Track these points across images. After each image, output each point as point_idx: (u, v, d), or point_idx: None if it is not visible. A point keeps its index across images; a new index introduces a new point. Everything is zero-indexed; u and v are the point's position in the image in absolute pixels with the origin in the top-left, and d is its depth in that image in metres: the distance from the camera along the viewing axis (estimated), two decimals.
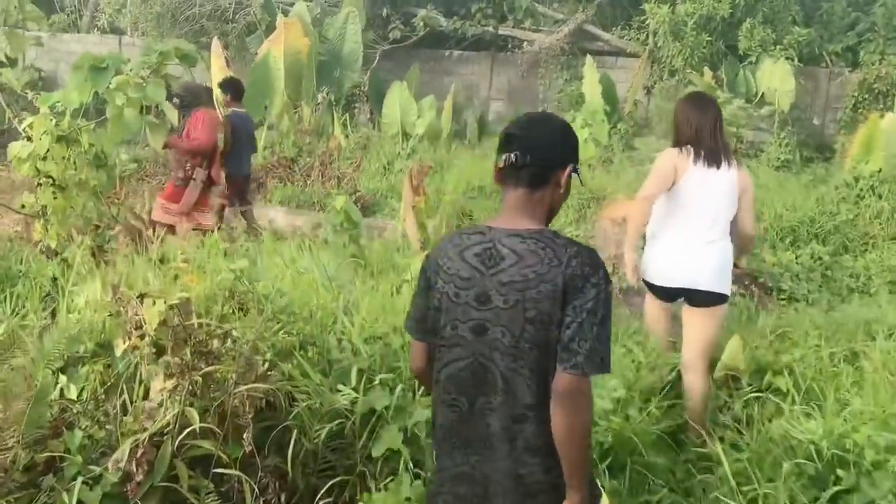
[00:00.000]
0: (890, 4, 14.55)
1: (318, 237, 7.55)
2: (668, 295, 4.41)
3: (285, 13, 14.12)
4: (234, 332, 2.98)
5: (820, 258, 7.60)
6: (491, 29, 15.55)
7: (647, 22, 14.52)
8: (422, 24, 15.07)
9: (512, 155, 2.16)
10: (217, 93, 8.63)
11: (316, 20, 14.17)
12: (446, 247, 2.23)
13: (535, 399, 2.09)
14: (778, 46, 13.63)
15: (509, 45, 15.55)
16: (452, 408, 2.18)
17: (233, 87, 8.13)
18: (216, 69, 10.77)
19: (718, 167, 4.23)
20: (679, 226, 4.28)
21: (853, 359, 4.39)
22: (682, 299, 4.37)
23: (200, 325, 2.91)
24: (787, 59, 13.19)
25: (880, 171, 8.97)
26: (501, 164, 2.19)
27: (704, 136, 4.25)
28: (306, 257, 4.45)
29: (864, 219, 8.58)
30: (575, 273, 2.05)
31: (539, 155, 2.17)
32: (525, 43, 15.28)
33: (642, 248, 4.53)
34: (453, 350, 2.16)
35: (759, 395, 4.08)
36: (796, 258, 7.61)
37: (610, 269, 6.75)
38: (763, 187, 9.73)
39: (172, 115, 9.85)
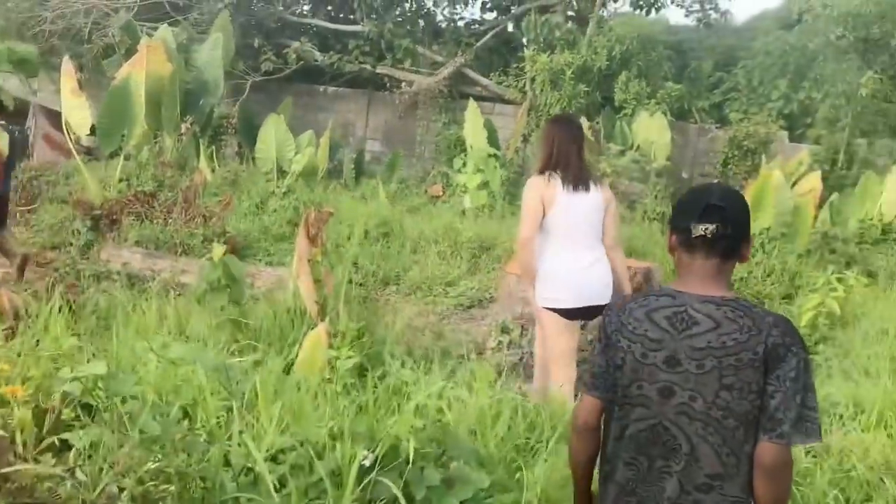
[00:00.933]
0: (749, 67, 14.79)
1: (182, 287, 6.41)
2: (571, 316, 4.48)
3: (149, 36, 12.78)
4: (79, 473, 1.93)
5: None
6: (368, 67, 14.71)
7: (524, 69, 14.12)
8: (295, 56, 14.06)
9: (714, 226, 2.12)
10: None
11: (182, 46, 12.87)
12: (630, 306, 2.20)
13: (723, 469, 2.07)
14: (652, 100, 13.49)
15: (387, 85, 14.74)
16: (630, 467, 2.17)
17: None
18: (67, 91, 9.36)
19: (587, 190, 4.40)
20: (563, 250, 4.40)
21: None
22: None
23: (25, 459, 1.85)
24: (662, 112, 13.03)
25: (769, 228, 8.68)
26: (700, 234, 2.12)
27: (572, 159, 4.39)
28: (176, 328, 3.40)
29: (756, 277, 8.22)
30: (776, 342, 2.04)
31: (737, 228, 2.16)
32: (403, 83, 14.53)
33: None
34: (636, 410, 2.15)
35: None
36: None
37: (518, 331, 5.97)
38: (651, 242, 9.28)
39: None
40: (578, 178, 4.41)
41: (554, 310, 4.47)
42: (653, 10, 16.15)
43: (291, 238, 8.70)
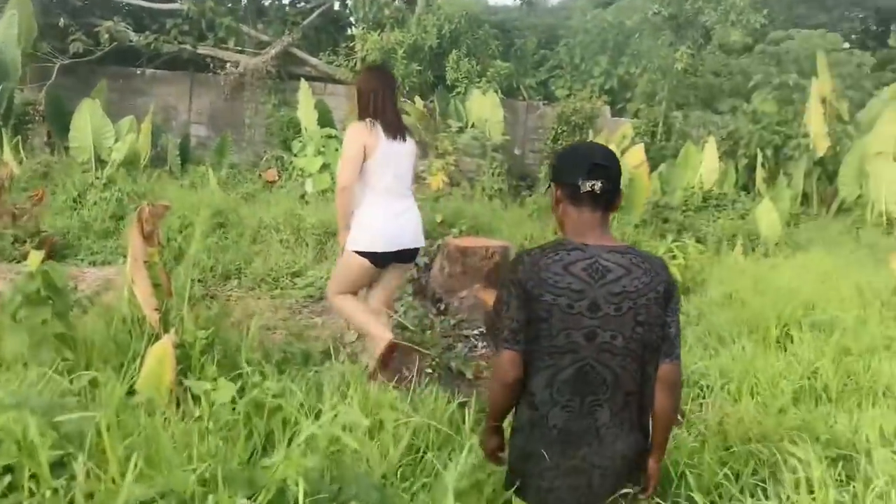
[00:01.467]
0: (571, 45, 15.04)
1: None
2: (382, 260, 4.54)
3: None
4: None
5: None
6: (189, 47, 13.70)
7: (355, 48, 13.64)
8: (107, 37, 12.85)
9: (600, 182, 2.33)
10: None
11: None
12: (544, 262, 2.33)
13: (636, 388, 2.37)
14: (483, 78, 13.40)
15: (210, 66, 13.80)
16: (566, 409, 2.34)
17: None
18: None
19: (404, 140, 4.51)
20: (381, 197, 4.46)
21: None
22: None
23: None
24: (493, 90, 12.97)
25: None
26: (588, 189, 2.33)
27: (388, 108, 4.47)
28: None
29: None
30: (668, 281, 2.37)
31: (616, 183, 2.41)
32: (228, 64, 13.65)
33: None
34: (565, 356, 2.31)
35: None
36: None
37: None
38: (496, 218, 9.16)
39: None
40: (397, 126, 4.52)
41: (365, 254, 4.50)
42: None
43: (116, 234, 7.90)
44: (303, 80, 12.11)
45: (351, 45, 13.82)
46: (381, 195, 4.47)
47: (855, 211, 12.00)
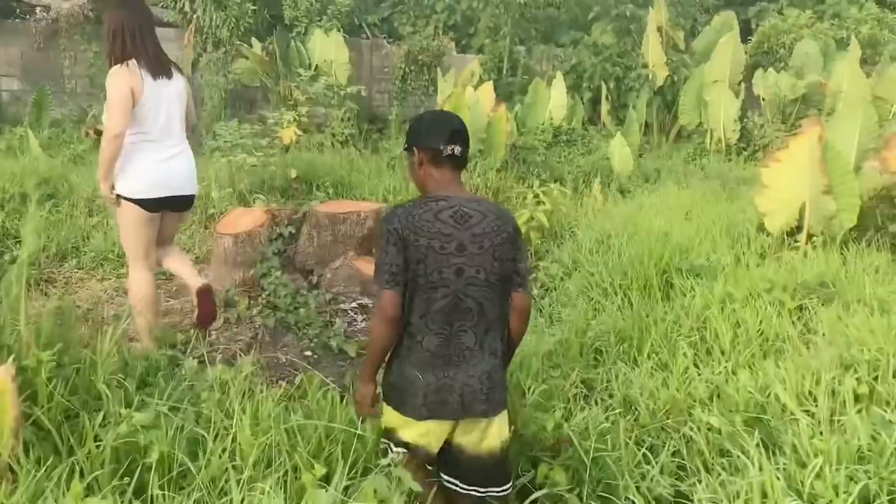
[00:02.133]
0: None
1: None
2: (155, 207, 4.22)
3: None
4: None
5: None
6: None
7: None
8: None
9: (459, 147, 2.67)
10: None
11: None
12: (416, 212, 2.60)
13: (496, 316, 2.70)
14: (324, 17, 12.61)
15: (17, 11, 12.21)
16: (439, 335, 2.62)
17: None
18: None
19: (170, 77, 4.19)
20: (149, 141, 4.14)
21: None
22: None
23: None
24: (336, 29, 12.23)
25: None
26: (449, 153, 2.65)
27: (148, 43, 4.09)
28: None
29: None
30: (514, 223, 2.74)
31: (468, 146, 2.76)
32: (38, 8, 12.12)
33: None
34: (440, 290, 2.60)
35: None
36: None
37: (246, 302, 5.07)
38: (353, 171, 8.66)
39: None
40: (161, 63, 4.15)
41: (137, 201, 4.16)
42: None
43: None
44: None
45: None
46: (151, 139, 4.14)
47: (695, 139, 12.33)
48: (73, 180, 7.54)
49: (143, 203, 4.16)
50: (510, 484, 2.78)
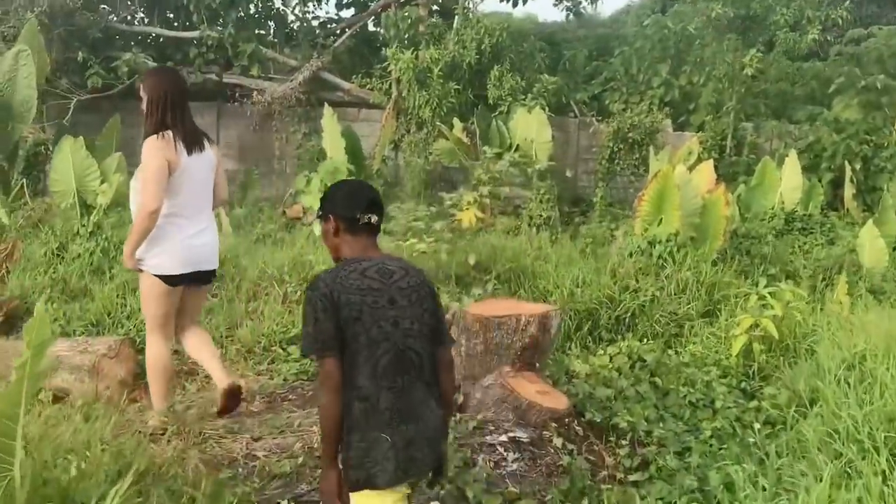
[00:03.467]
0: (627, 54, 13.24)
1: None
2: (176, 282, 4.09)
3: None
4: None
5: (641, 358, 5.29)
6: (214, 77, 12.38)
7: (389, 70, 12.12)
8: (126, 70, 11.59)
9: (376, 217, 2.64)
10: None
11: None
12: (341, 274, 2.52)
13: (432, 368, 2.60)
14: (528, 95, 11.71)
15: (237, 95, 12.45)
16: (392, 390, 2.46)
17: None
18: None
19: (202, 150, 4.05)
20: (180, 216, 4.02)
21: None
22: None
23: None
24: (540, 107, 11.26)
25: (677, 234, 6.93)
26: (366, 221, 2.61)
27: (186, 115, 4.01)
28: None
29: (669, 295, 6.47)
30: (429, 279, 2.70)
31: (383, 214, 2.72)
32: (255, 92, 12.28)
33: None
34: (381, 345, 2.47)
35: None
36: (610, 360, 5.27)
37: None
38: (545, 257, 7.44)
39: None
40: (196, 136, 4.04)
41: (161, 277, 4.05)
42: (519, 2, 14.47)
43: (90, 295, 6.43)
44: (326, 105, 10.61)
45: (385, 66, 12.29)
46: (181, 213, 4.01)
47: None
48: (245, 261, 6.95)
49: (165, 279, 4.06)
50: None
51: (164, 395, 4.24)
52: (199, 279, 4.20)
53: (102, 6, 12.44)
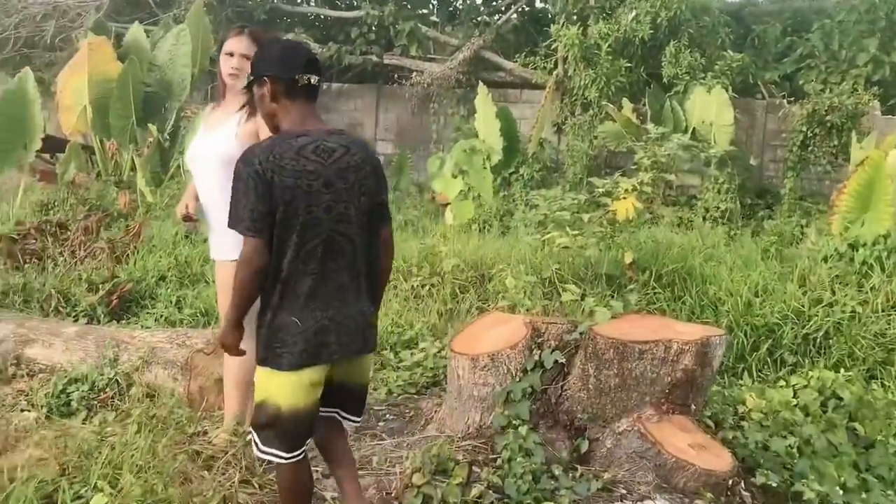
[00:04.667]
0: (828, 27, 11.34)
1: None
2: None
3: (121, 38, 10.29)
4: None
5: (836, 395, 4.02)
6: (374, 58, 11.86)
7: (554, 48, 11.06)
8: None
9: (315, 77, 2.46)
10: None
11: (155, 45, 10.30)
12: (276, 150, 2.35)
13: (367, 252, 2.52)
14: (708, 73, 10.25)
15: (396, 76, 11.86)
16: (312, 276, 2.39)
17: None
18: None
19: None
20: None
21: None
22: None
23: None
24: (722, 87, 9.79)
25: (887, 236, 5.46)
26: (305, 82, 2.43)
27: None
28: None
29: (875, 311, 5.06)
30: (376, 158, 2.59)
31: (323, 79, 2.57)
32: (414, 73, 11.63)
33: None
34: (311, 230, 2.37)
35: None
36: (794, 395, 4.03)
37: None
38: (719, 258, 6.21)
39: None
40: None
41: None
42: None
43: (207, 280, 5.97)
44: (481, 84, 9.73)
45: (552, 44, 11.23)
46: None
47: None
48: None
49: None
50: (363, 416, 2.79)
51: (238, 408, 3.56)
52: None
53: None
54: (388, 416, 3.93)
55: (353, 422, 2.69)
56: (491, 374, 3.22)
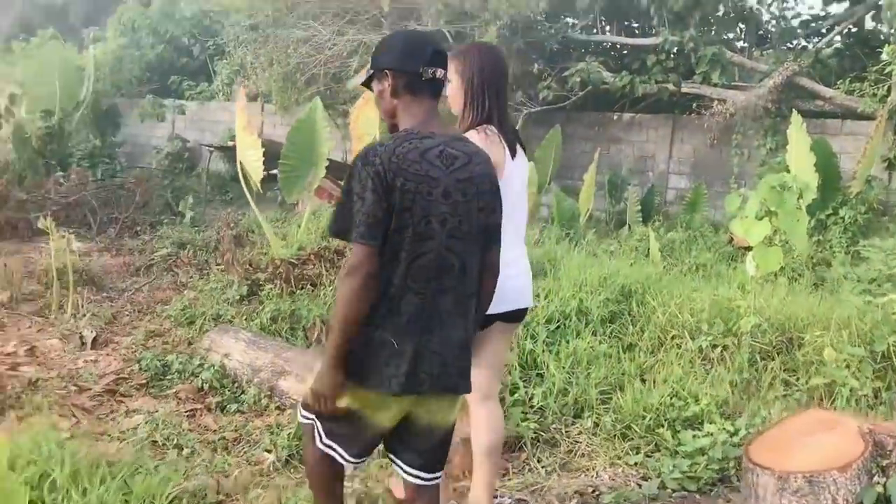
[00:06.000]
0: None
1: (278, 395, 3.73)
2: (514, 319, 3.00)
3: None
4: None
5: None
6: (670, 86, 10.92)
7: (888, 72, 9.31)
8: (579, 81, 10.76)
9: (441, 70, 2.22)
10: None
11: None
12: (399, 150, 2.13)
13: (474, 276, 2.24)
14: None
15: (694, 106, 10.80)
16: (419, 294, 2.16)
17: None
18: (240, 129, 7.02)
19: (514, 155, 2.94)
20: (515, 236, 2.97)
21: None
22: None
23: None
24: None
25: None
26: (430, 76, 2.21)
27: (506, 107, 2.98)
28: None
29: None
30: (495, 173, 2.32)
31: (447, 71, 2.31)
32: (715, 102, 10.49)
33: None
34: (425, 243, 2.14)
35: None
36: None
37: None
38: None
39: None
40: (515, 135, 2.98)
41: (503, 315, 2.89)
42: None
43: None
44: (794, 112, 8.36)
45: (884, 67, 9.48)
46: (517, 231, 3.00)
47: None
48: (651, 297, 5.42)
49: (502, 317, 2.92)
50: (441, 473, 2.38)
51: (490, 477, 3.04)
52: (510, 318, 2.95)
53: (564, 17, 11.86)
54: None
55: (422, 478, 2.30)
56: (812, 498, 2.31)
